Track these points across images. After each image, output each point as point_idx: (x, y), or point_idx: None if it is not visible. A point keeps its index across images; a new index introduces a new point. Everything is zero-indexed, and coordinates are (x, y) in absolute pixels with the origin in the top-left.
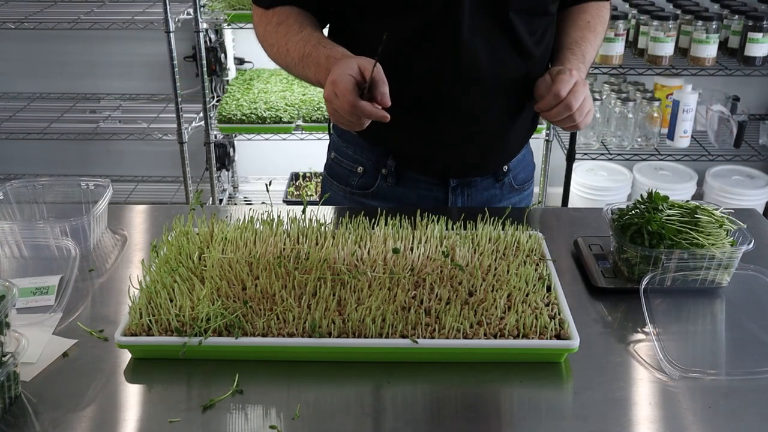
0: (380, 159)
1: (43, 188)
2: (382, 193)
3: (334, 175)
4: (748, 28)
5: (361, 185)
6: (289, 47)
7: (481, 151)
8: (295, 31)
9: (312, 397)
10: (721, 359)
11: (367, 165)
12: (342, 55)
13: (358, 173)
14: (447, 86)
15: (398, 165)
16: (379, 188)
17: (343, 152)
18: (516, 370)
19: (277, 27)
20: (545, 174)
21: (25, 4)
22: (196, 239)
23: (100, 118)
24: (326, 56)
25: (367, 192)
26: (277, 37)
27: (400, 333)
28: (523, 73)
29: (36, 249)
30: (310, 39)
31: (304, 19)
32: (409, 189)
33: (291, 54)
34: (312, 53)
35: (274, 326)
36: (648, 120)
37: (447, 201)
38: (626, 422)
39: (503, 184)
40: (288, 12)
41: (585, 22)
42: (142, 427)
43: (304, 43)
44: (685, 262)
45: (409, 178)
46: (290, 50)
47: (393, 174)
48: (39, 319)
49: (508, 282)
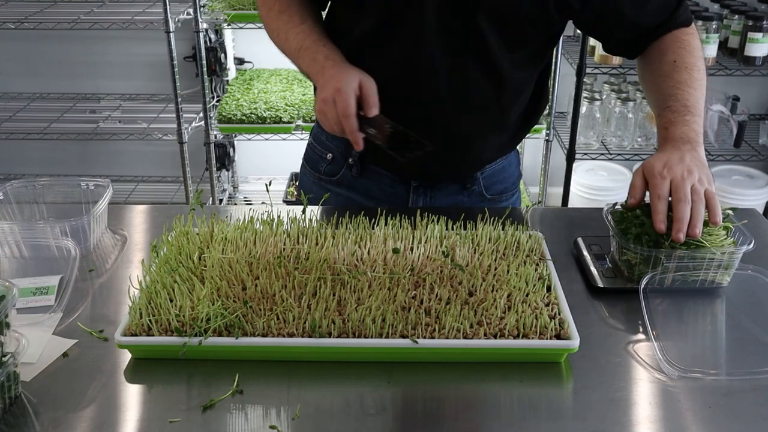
0: (348, 148)
1: (43, 188)
2: (347, 182)
3: (308, 159)
4: (748, 28)
5: (329, 172)
6: (289, 36)
7: (443, 161)
8: (296, 22)
9: (312, 397)
10: (721, 359)
11: (336, 153)
12: (341, 59)
13: (327, 160)
14: (406, 88)
15: (362, 157)
16: (344, 177)
17: (318, 138)
18: (516, 370)
19: (279, 15)
20: (545, 174)
21: (25, 4)
22: (196, 239)
23: (100, 118)
24: (325, 56)
25: (333, 179)
26: (278, 24)
27: (400, 333)
28: (493, 89)
29: (36, 249)
30: (311, 34)
31: (305, 11)
32: (372, 182)
33: (290, 42)
34: (311, 47)
35: (274, 326)
36: (648, 120)
37: (408, 200)
38: (626, 422)
39: (471, 193)
40: (290, 1)
41: (671, 63)
42: (142, 427)
43: (304, 36)
44: (685, 263)
45: (372, 171)
46: (289, 39)
47: (358, 165)
48: (39, 319)
49: (508, 282)
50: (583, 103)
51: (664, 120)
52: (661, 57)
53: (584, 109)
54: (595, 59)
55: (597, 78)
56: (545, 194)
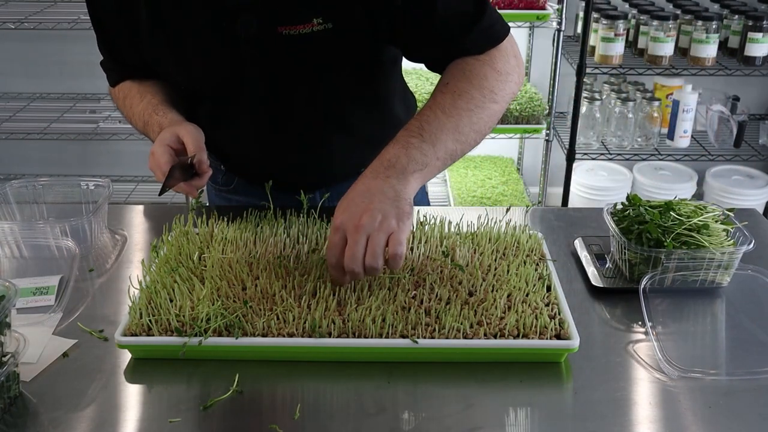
0: (223, 160)
1: (43, 188)
2: (241, 189)
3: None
4: (748, 28)
5: (224, 182)
6: (135, 119)
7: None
8: (136, 102)
9: (312, 397)
10: (721, 359)
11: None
12: (170, 122)
13: (222, 170)
14: (233, 94)
15: (230, 169)
16: (238, 184)
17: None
18: (516, 370)
19: (123, 101)
20: (545, 174)
21: (25, 4)
22: (196, 239)
23: (100, 118)
24: (158, 124)
25: (230, 188)
26: (125, 111)
27: (400, 333)
28: (312, 101)
29: (36, 249)
30: (148, 107)
31: (145, 88)
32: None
33: (137, 124)
34: (149, 121)
35: (274, 326)
36: (648, 120)
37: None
38: (626, 422)
39: None
40: (129, 86)
41: (443, 84)
42: (142, 427)
43: (142, 112)
44: (685, 263)
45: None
46: (136, 121)
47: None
48: (39, 319)
49: (508, 282)
50: (583, 103)
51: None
52: (440, 82)
53: (584, 109)
54: (595, 59)
55: (597, 78)
56: (545, 194)
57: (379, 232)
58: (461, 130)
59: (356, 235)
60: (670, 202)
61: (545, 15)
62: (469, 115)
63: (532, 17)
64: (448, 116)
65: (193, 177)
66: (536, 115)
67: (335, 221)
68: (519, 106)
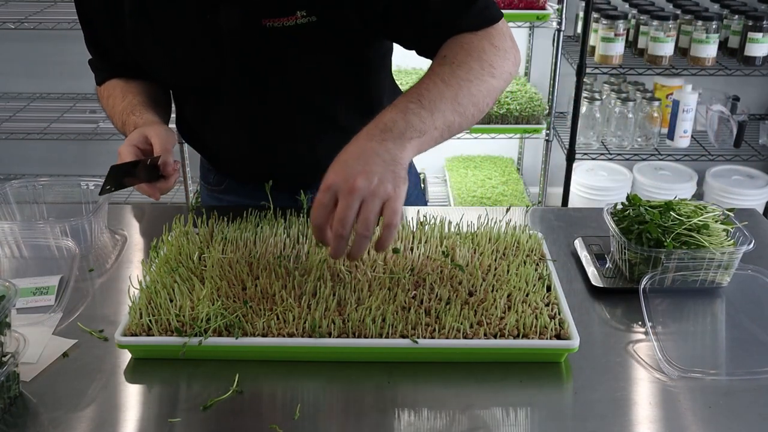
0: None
1: (43, 188)
2: (233, 188)
3: (202, 173)
4: (748, 28)
5: (215, 182)
6: (115, 118)
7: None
8: (119, 101)
9: (312, 397)
10: (721, 359)
11: None
12: (144, 123)
13: (212, 170)
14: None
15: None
16: (229, 184)
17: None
18: (516, 370)
19: (107, 100)
20: (545, 174)
21: (25, 4)
22: (196, 239)
23: (100, 118)
24: (134, 124)
25: (222, 188)
26: (108, 110)
27: (400, 333)
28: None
29: (36, 249)
30: (128, 107)
31: (129, 88)
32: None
33: (117, 123)
34: (126, 121)
35: (274, 326)
36: (648, 120)
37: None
38: (626, 422)
39: None
40: (114, 84)
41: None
42: (142, 427)
43: (122, 111)
44: (685, 263)
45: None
46: (116, 121)
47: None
48: (39, 319)
49: (508, 282)
50: (583, 103)
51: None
52: (438, 56)
53: (584, 109)
54: (595, 59)
55: (597, 78)
56: (545, 194)
57: (374, 198)
58: (460, 101)
59: (349, 198)
60: (670, 202)
61: (545, 15)
62: (468, 86)
63: (532, 17)
64: (448, 85)
65: (159, 179)
66: (536, 115)
67: (327, 181)
68: (519, 106)
